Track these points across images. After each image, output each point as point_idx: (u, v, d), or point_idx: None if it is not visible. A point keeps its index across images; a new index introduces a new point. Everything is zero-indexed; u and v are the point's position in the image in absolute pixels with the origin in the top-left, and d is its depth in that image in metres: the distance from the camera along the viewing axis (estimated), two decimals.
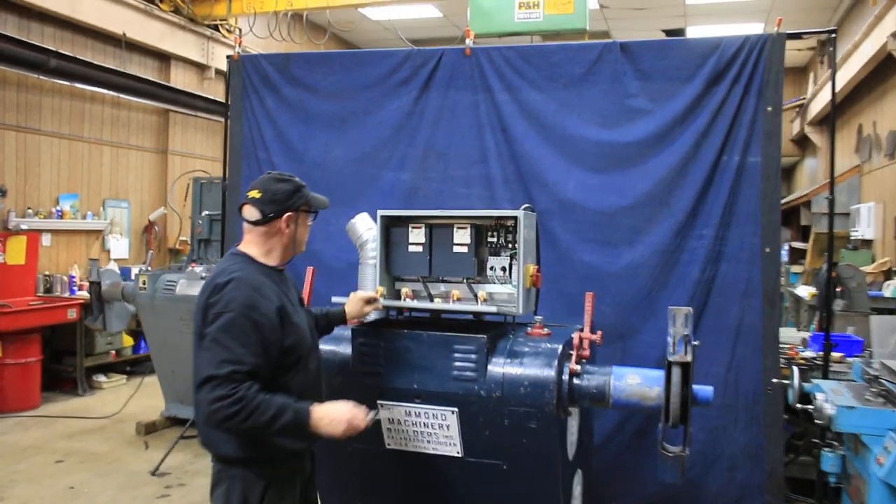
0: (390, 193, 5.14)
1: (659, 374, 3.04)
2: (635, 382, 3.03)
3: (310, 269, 3.92)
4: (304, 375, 2.79)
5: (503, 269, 3.60)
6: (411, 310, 3.33)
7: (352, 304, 3.36)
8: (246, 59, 5.65)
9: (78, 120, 9.34)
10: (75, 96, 9.26)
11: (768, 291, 4.51)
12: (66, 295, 8.53)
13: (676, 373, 2.85)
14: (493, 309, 3.19)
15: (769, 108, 4.50)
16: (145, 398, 7.40)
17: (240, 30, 10.84)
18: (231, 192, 5.74)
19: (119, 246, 9.86)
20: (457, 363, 3.12)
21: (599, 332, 3.33)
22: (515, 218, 3.51)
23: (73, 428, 6.92)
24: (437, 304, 3.32)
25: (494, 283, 3.63)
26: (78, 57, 8.69)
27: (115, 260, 9.69)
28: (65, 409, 7.68)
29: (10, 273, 7.98)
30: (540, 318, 3.32)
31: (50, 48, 8.33)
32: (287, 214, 2.79)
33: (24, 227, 8.10)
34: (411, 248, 3.67)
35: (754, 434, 4.48)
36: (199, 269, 6.48)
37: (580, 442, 3.46)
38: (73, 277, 8.62)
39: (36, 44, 8.25)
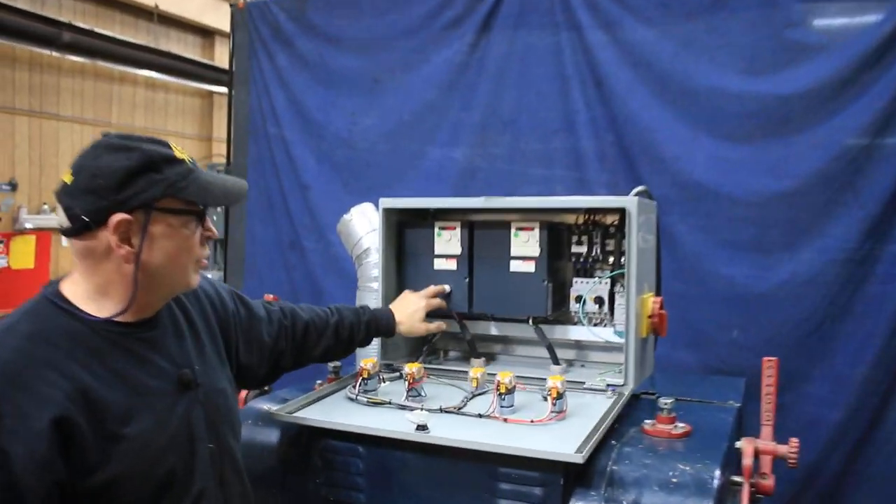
0: (438, 177, 3.80)
1: None
2: None
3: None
4: None
5: (598, 301, 2.06)
6: (398, 440, 1.66)
7: (404, 309, 2.15)
8: (253, 7, 4.36)
9: (104, 103, 8.22)
10: (101, 77, 8.13)
11: None
12: None
13: None
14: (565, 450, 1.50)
15: None
16: None
17: None
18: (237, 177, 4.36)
19: None
20: (504, 502, 1.59)
21: (794, 442, 1.73)
22: (622, 210, 1.98)
23: None
24: (440, 433, 1.64)
25: (582, 324, 2.11)
26: (96, 30, 7.51)
27: None
28: None
29: (17, 278, 6.87)
30: (670, 401, 1.75)
31: (62, 20, 7.17)
32: (117, 218, 1.35)
33: (28, 225, 6.96)
34: (439, 265, 2.19)
35: None
36: (207, 276, 5.13)
37: None
38: None
39: (46, 16, 7.10)
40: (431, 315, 2.17)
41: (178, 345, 1.51)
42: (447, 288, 2.19)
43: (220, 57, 9.41)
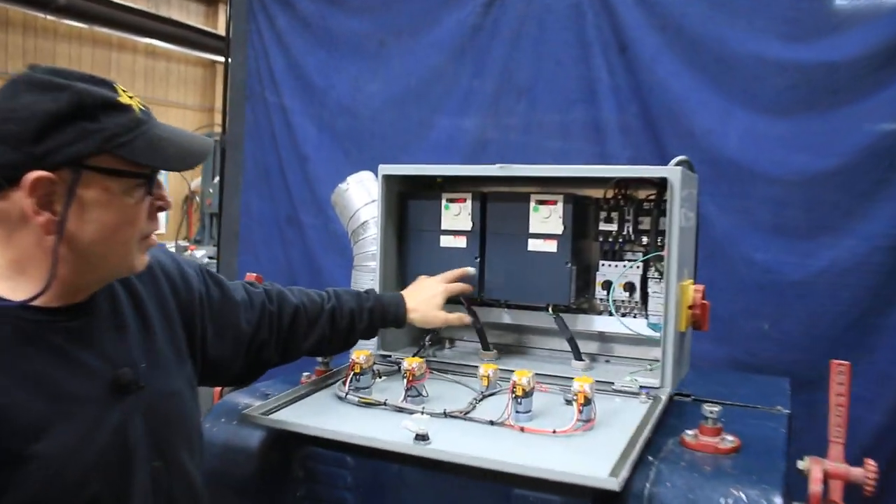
0: (447, 148, 3.51)
1: None
2: None
3: None
4: None
5: (628, 287, 1.79)
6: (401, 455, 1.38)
7: (418, 294, 1.83)
8: None
9: (102, 71, 7.85)
10: (98, 43, 7.85)
11: None
12: None
13: None
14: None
15: None
16: None
17: None
18: (231, 151, 4.15)
19: None
20: None
21: (871, 466, 1.46)
22: (660, 184, 1.70)
23: None
24: (443, 444, 1.35)
25: (609, 313, 1.84)
26: None
27: None
28: None
29: None
30: (716, 408, 1.46)
31: None
32: (34, 176, 1.05)
33: None
34: (446, 242, 1.91)
35: None
36: (199, 252, 4.89)
37: None
38: None
39: None
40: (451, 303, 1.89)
41: (118, 337, 1.20)
42: (472, 270, 1.89)
43: (224, 25, 9.15)
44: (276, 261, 3.97)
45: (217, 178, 5.74)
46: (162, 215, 1.24)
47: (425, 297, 1.80)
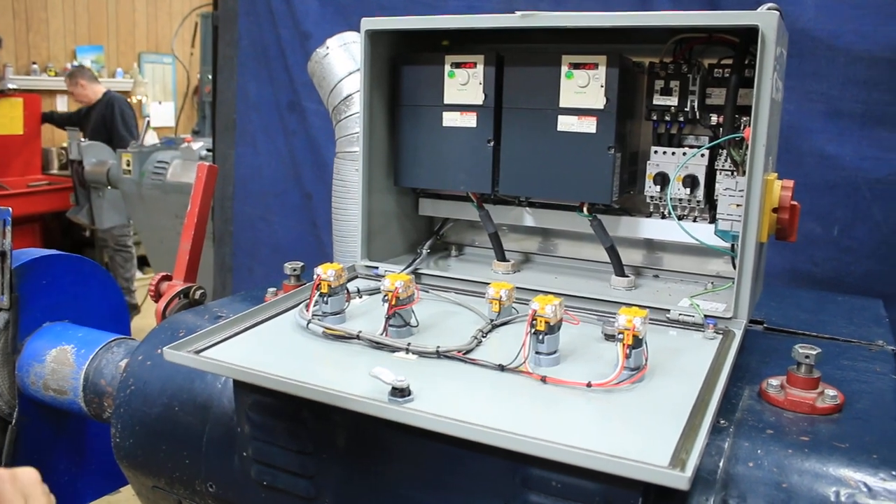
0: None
1: None
2: None
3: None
4: None
5: (689, 182, 1.35)
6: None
7: None
8: None
9: None
10: None
11: None
12: None
13: None
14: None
15: None
16: None
17: None
18: (225, 28, 3.73)
19: (162, 112, 7.98)
20: None
21: None
22: (748, 35, 1.24)
23: None
24: (430, 401, 0.92)
25: (663, 216, 1.41)
26: None
27: (157, 129, 7.83)
28: None
29: (5, 146, 6.23)
30: (814, 351, 1.04)
31: None
32: None
33: (10, 86, 6.28)
34: (451, 120, 1.45)
35: None
36: (196, 144, 4.48)
37: None
38: None
39: None
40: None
41: None
42: None
43: None
44: (276, 152, 3.60)
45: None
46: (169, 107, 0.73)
47: None
